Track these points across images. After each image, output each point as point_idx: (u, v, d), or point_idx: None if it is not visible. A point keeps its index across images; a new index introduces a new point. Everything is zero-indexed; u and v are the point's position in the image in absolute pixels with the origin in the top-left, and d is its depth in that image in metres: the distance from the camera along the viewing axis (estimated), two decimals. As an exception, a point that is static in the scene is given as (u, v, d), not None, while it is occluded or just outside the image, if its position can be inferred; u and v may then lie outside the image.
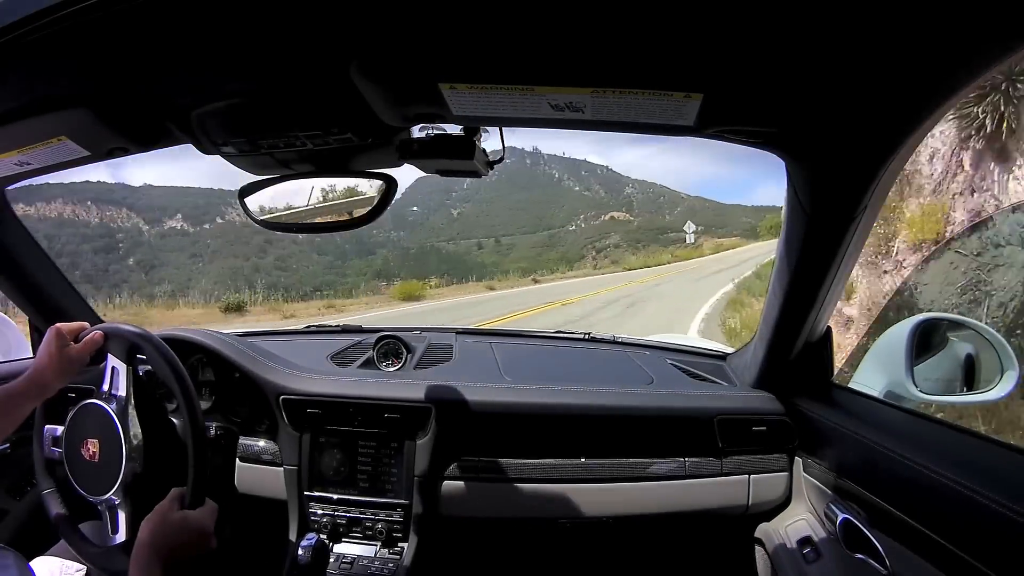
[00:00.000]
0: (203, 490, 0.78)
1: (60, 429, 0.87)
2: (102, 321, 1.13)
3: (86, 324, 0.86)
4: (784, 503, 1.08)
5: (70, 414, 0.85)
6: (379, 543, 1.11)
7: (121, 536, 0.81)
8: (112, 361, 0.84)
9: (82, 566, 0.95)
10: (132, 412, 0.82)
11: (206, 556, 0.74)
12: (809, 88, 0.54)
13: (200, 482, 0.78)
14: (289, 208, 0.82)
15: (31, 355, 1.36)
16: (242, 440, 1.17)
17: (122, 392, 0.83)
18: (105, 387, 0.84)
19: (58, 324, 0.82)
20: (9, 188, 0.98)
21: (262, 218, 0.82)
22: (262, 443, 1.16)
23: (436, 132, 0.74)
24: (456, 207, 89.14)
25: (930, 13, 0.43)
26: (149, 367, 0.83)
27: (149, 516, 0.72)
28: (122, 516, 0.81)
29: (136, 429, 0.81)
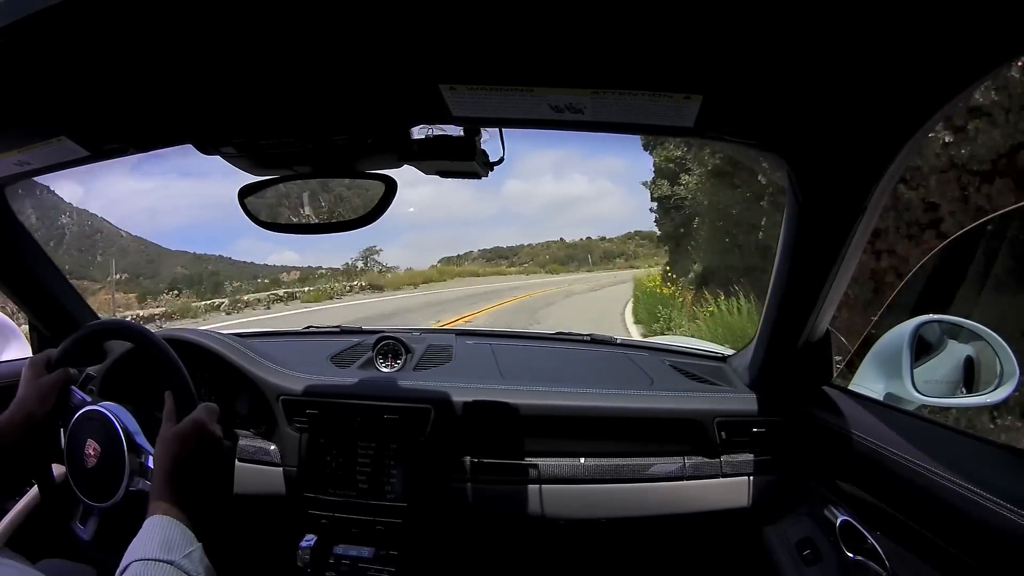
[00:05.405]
0: (190, 399, 0.76)
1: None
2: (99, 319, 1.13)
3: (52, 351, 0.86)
4: (784, 505, 1.08)
5: (71, 420, 0.84)
6: (378, 544, 1.10)
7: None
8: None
9: (89, 568, 0.94)
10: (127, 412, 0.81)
11: (222, 458, 0.76)
12: (810, 90, 0.54)
13: (183, 390, 0.77)
14: (288, 208, 0.82)
15: (31, 355, 1.35)
16: (242, 441, 1.17)
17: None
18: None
19: (32, 356, 0.84)
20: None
21: (262, 219, 0.82)
22: (261, 444, 1.16)
23: (436, 133, 0.74)
24: None
25: (931, 15, 0.43)
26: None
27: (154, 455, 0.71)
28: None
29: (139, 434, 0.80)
